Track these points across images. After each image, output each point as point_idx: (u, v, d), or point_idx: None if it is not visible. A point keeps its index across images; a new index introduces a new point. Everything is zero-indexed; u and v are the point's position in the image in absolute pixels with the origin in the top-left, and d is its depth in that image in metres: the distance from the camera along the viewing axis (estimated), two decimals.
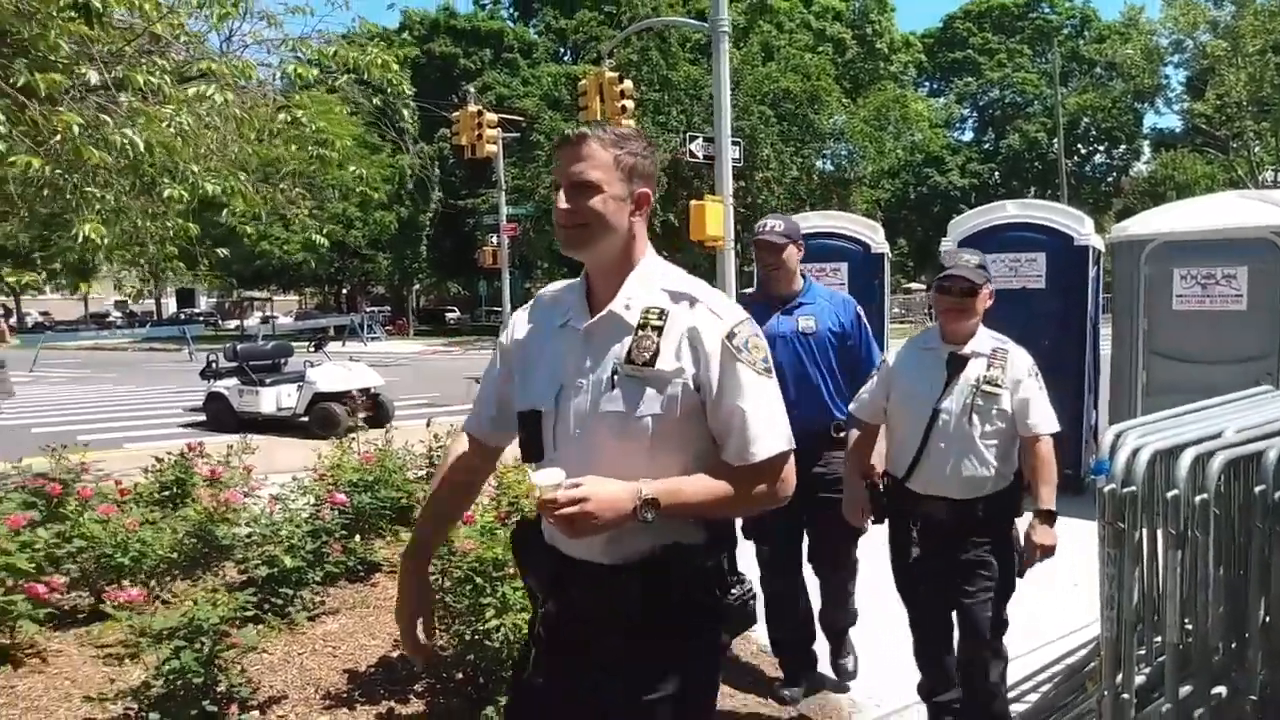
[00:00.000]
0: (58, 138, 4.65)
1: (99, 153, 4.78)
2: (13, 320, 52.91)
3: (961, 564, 3.22)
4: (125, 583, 4.44)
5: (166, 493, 5.34)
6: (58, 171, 5.30)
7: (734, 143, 14.96)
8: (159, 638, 3.29)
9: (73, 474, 4.74)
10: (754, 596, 1.92)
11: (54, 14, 5.05)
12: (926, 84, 56.05)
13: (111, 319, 55.38)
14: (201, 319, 52.39)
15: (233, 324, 47.61)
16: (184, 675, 3.22)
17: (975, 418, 3.15)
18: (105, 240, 5.26)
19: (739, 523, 3.79)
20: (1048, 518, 3.16)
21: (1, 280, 46.29)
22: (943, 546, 3.24)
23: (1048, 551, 3.15)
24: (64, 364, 28.71)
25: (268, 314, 46.88)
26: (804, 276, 3.98)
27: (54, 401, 18.23)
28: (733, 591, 1.89)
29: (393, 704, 3.65)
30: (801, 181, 34.79)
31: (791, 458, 1.88)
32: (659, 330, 1.83)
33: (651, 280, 1.91)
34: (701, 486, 1.81)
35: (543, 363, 1.94)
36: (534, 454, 1.92)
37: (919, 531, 3.29)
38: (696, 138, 17.62)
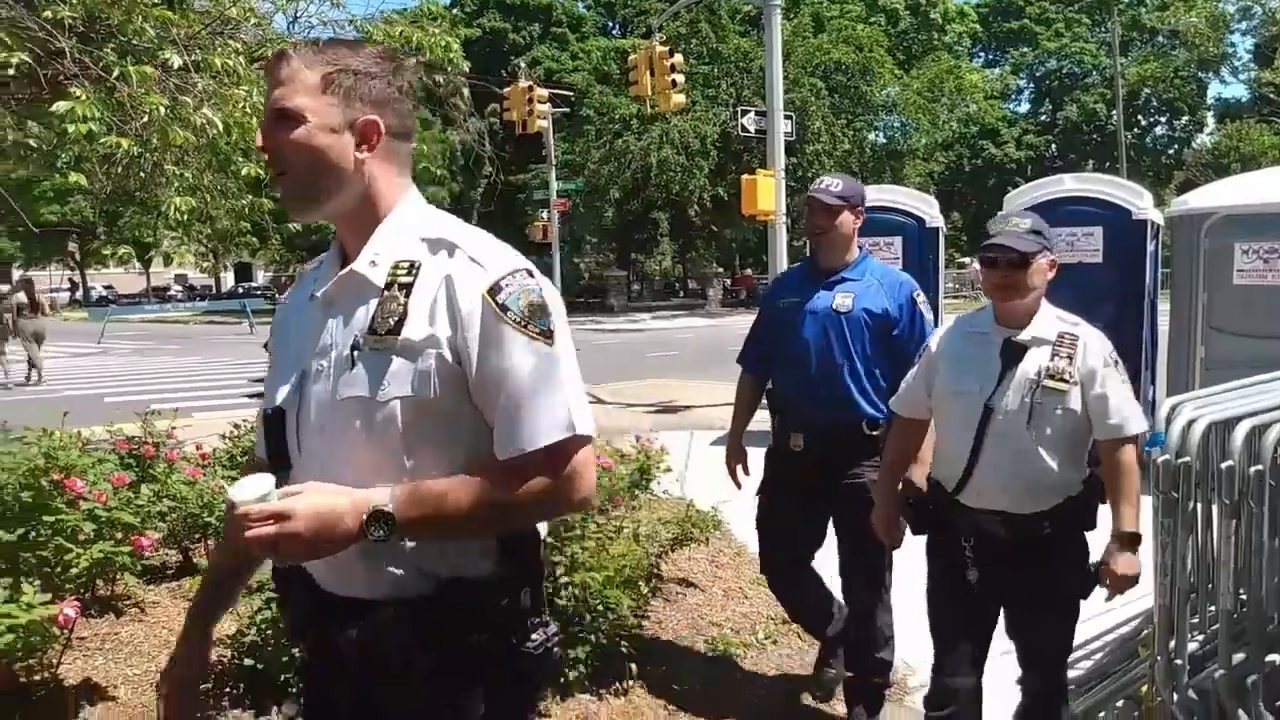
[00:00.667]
0: (145, 119, 4.88)
1: (184, 133, 5.01)
2: (78, 294, 54.46)
3: (1022, 590, 2.72)
4: (210, 541, 4.71)
5: (245, 457, 5.60)
6: (140, 151, 5.55)
7: (785, 116, 14.94)
8: (250, 590, 3.53)
9: (160, 438, 5.02)
10: (557, 642, 1.55)
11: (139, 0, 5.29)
12: (981, 54, 55.05)
13: (172, 293, 56.78)
14: (259, 293, 53.46)
15: (284, 296, 48.50)
16: (274, 625, 3.45)
17: (1036, 418, 2.60)
18: (186, 215, 5.51)
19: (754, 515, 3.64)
20: (1131, 542, 2.59)
21: (68, 255, 47.70)
22: (998, 565, 2.71)
23: (1129, 583, 2.61)
24: (129, 336, 29.59)
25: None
26: (860, 249, 3.54)
27: (124, 372, 18.90)
28: (532, 637, 1.51)
29: None
30: (853, 154, 34.53)
31: (586, 449, 1.45)
32: (408, 288, 1.45)
33: (407, 229, 1.52)
34: (458, 491, 1.39)
35: (289, 347, 1.59)
36: (282, 462, 1.53)
37: (973, 549, 2.74)
38: (748, 111, 17.60)
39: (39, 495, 3.41)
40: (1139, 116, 48.79)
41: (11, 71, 4.67)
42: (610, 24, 45.85)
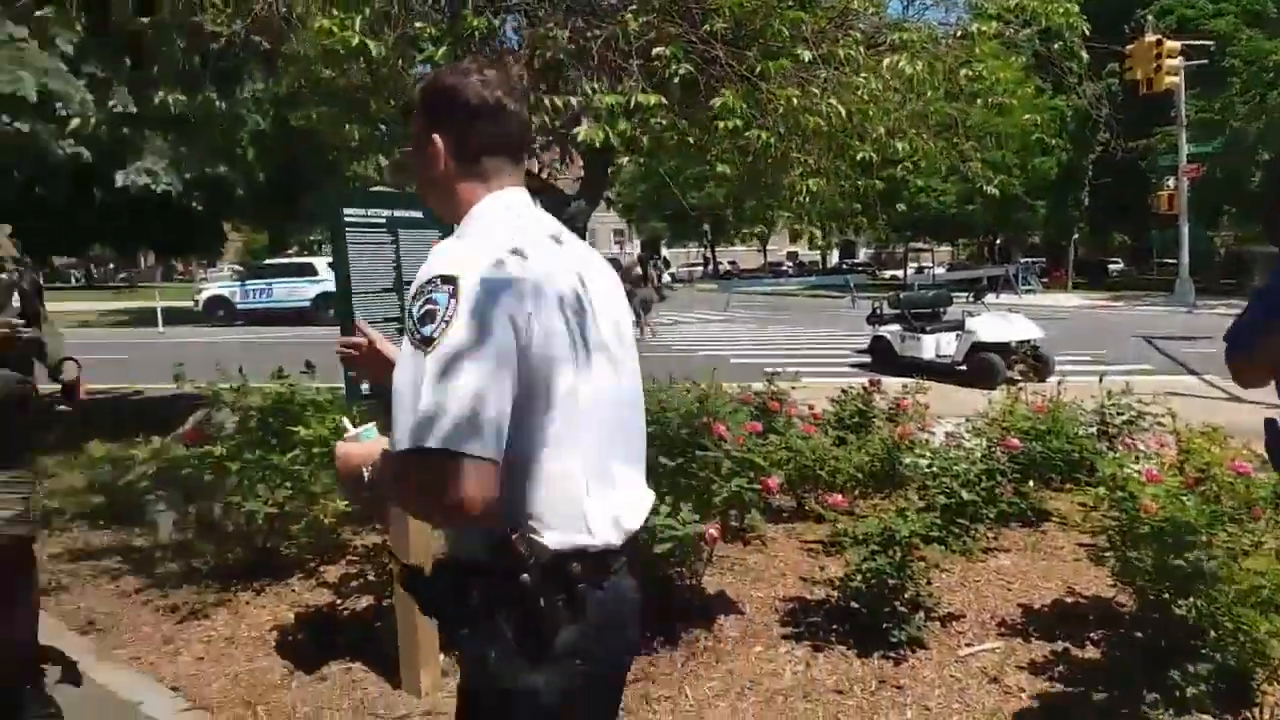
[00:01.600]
0: (780, 112, 5.47)
1: (814, 119, 5.50)
2: (708, 268, 62.19)
3: None
4: (820, 492, 5.20)
5: (854, 420, 6.04)
6: (773, 141, 6.21)
7: None
8: (858, 540, 3.84)
9: (783, 396, 5.64)
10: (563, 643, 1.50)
11: (775, 4, 5.91)
12: None
13: (784, 268, 62.08)
14: (861, 269, 55.98)
15: (889, 273, 49.98)
16: (879, 575, 3.72)
17: None
18: (809, 197, 6.06)
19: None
20: None
21: (703, 234, 54.73)
22: None
23: None
24: (749, 306, 33.14)
25: (923, 264, 47.98)
26: None
27: (745, 338, 21.35)
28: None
29: (1068, 645, 3.75)
30: None
31: (446, 463, 1.37)
32: None
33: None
34: (387, 467, 1.54)
35: None
36: None
37: None
38: None
39: (693, 434, 4.10)
40: None
41: (676, 81, 5.52)
42: None
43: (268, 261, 29.25)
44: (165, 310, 25.87)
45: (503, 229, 1.54)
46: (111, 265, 57.32)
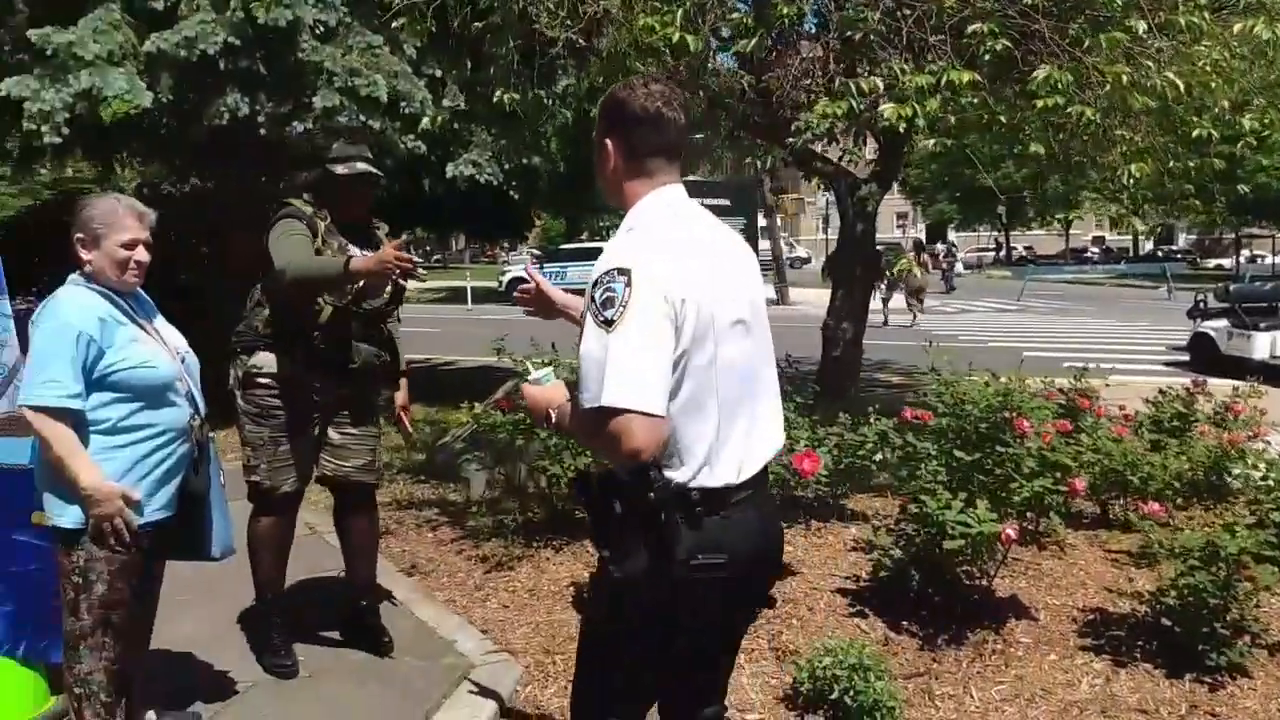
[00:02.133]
0: (1107, 88, 5.07)
1: (1142, 98, 5.06)
2: (1001, 254, 58.46)
3: None
4: (1129, 498, 4.82)
5: (1173, 423, 5.53)
6: (1096, 117, 5.75)
7: None
8: (1176, 554, 3.55)
9: (1093, 393, 5.27)
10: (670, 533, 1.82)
11: None
12: None
13: (1089, 255, 57.11)
14: (1180, 256, 50.47)
15: (1213, 262, 44.70)
16: (1198, 593, 3.42)
17: None
18: (1139, 180, 5.57)
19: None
20: None
21: (996, 217, 51.45)
22: None
23: None
24: (1046, 295, 30.89)
25: (1256, 252, 42.44)
26: None
27: (1041, 329, 19.98)
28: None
29: None
30: None
31: (624, 418, 1.71)
32: None
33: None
34: (577, 417, 1.92)
35: None
36: None
37: None
38: None
39: (994, 428, 3.95)
40: None
41: (989, 57, 5.25)
42: None
43: (563, 246, 31.06)
44: (473, 289, 28.21)
45: (661, 225, 1.90)
46: (428, 248, 63.18)
